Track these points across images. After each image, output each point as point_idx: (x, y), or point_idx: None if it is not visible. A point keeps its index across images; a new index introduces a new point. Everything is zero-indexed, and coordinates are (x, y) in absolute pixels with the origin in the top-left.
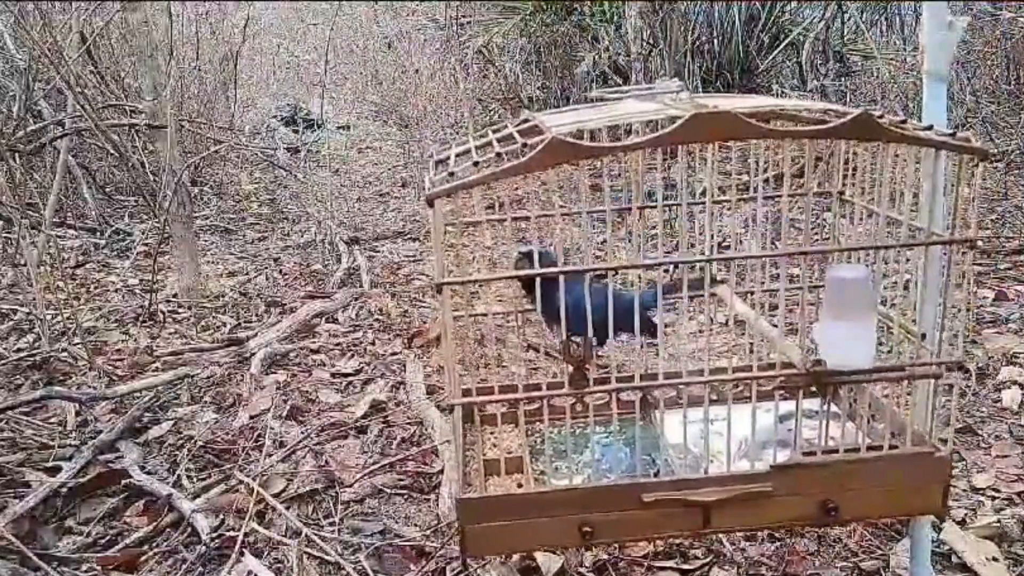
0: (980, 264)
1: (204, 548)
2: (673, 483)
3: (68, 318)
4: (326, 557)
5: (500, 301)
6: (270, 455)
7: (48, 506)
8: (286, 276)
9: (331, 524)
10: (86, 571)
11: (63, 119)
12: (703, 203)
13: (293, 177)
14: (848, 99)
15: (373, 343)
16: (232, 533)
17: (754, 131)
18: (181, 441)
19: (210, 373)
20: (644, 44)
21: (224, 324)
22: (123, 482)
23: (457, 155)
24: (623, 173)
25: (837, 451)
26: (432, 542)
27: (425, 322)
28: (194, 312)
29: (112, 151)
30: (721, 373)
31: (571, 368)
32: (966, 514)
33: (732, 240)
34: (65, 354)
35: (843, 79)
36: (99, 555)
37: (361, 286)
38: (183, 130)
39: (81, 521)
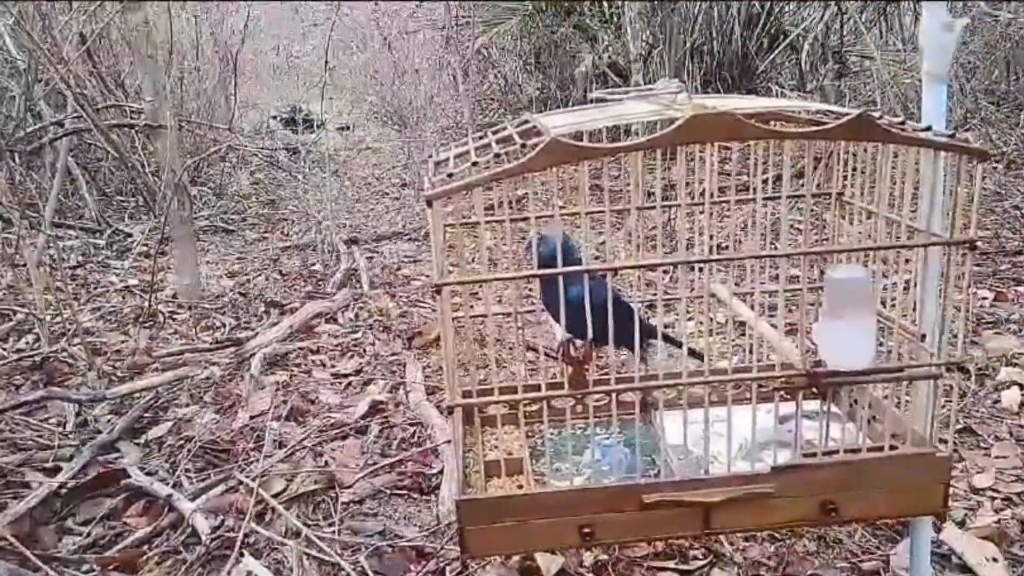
0: (979, 265)
1: (204, 548)
2: (674, 484)
3: (68, 318)
4: (326, 558)
5: (499, 302)
6: (270, 455)
7: (48, 506)
8: (286, 277)
9: (331, 525)
10: (86, 571)
11: (63, 119)
12: (702, 204)
13: (293, 178)
14: (847, 100)
15: (373, 344)
16: (232, 533)
17: (753, 132)
18: (181, 441)
19: (209, 374)
20: (644, 45)
21: (224, 325)
22: (123, 482)
23: (456, 156)
24: (622, 174)
25: (838, 452)
26: (432, 543)
27: (425, 322)
28: (194, 313)
29: (112, 151)
30: (721, 374)
31: (570, 369)
32: (966, 514)
33: (731, 241)
34: (65, 354)
35: (842, 80)
36: (99, 555)
37: (361, 287)
38: (183, 130)
39: (81, 521)
